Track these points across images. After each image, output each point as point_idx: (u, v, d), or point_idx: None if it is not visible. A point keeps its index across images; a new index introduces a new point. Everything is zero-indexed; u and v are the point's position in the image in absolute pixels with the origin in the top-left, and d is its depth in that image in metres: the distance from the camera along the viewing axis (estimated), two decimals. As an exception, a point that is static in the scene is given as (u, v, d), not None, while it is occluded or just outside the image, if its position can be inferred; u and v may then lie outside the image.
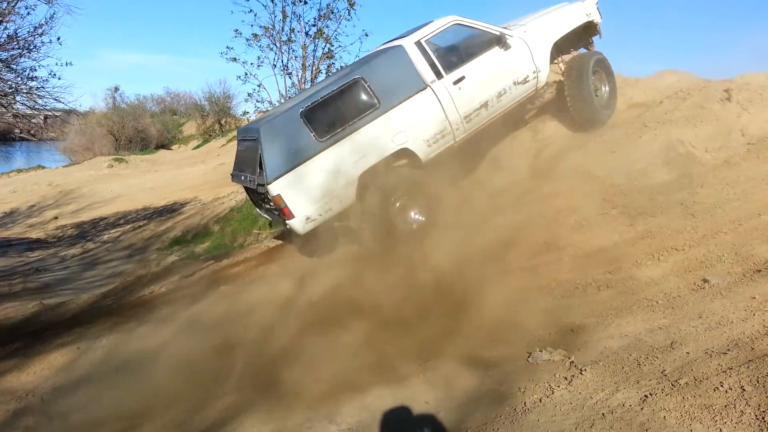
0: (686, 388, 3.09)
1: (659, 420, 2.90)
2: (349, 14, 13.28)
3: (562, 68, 7.97)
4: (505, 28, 7.45)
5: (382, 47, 7.61)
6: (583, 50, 8.60)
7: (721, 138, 6.75)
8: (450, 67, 6.96)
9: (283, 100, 13.88)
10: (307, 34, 13.44)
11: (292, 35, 13.31)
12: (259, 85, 13.76)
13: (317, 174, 6.41)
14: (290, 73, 13.79)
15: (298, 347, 4.97)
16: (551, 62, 7.78)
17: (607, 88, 8.11)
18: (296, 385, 4.40)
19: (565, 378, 3.62)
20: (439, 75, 6.87)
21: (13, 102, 11.44)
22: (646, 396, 3.13)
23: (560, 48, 7.94)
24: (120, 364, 5.47)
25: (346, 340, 4.88)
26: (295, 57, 13.66)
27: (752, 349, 3.30)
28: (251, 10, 12.97)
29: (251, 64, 13.50)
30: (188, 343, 5.49)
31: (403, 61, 6.85)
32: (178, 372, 5.00)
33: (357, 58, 13.84)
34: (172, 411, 4.45)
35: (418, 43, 6.92)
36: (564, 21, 7.81)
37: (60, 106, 11.79)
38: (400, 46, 6.96)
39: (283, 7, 13.02)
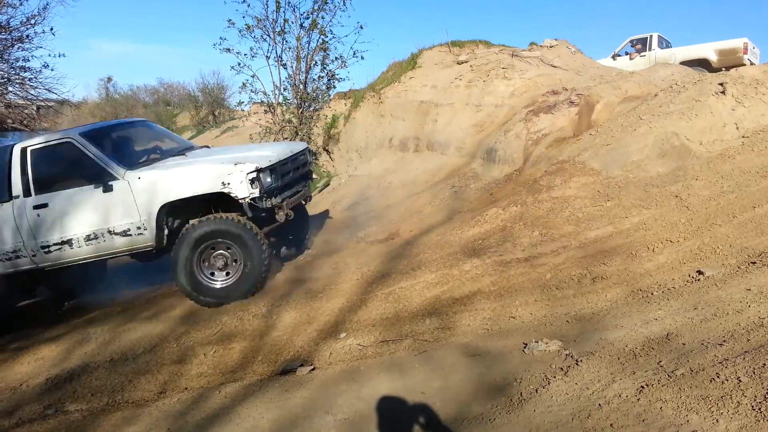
0: (683, 379, 3.10)
1: (656, 411, 2.91)
2: (344, 4, 13.22)
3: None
4: (137, 162, 6.53)
5: None
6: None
7: (715, 131, 6.77)
8: (42, 188, 6.31)
9: (277, 92, 13.82)
10: (301, 25, 13.36)
11: (286, 26, 13.24)
12: (252, 76, 13.68)
13: None
14: (285, 65, 13.72)
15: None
16: (177, 221, 6.49)
17: (239, 273, 6.22)
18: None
19: (561, 369, 3.64)
20: (27, 192, 6.31)
21: (5, 92, 11.36)
22: (642, 387, 3.14)
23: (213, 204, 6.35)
24: (115, 355, 5.46)
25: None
26: (289, 48, 13.59)
27: (748, 340, 3.31)
28: (244, 0, 12.89)
29: (245, 54, 13.41)
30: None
31: (1, 164, 6.37)
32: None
33: (351, 50, 13.87)
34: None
35: (23, 151, 6.36)
36: (186, 181, 6.14)
37: (53, 96, 11.71)
38: (10, 146, 6.45)
39: (276, -4, 12.93)
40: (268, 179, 6.18)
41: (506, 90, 10.39)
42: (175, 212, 6.35)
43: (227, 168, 6.05)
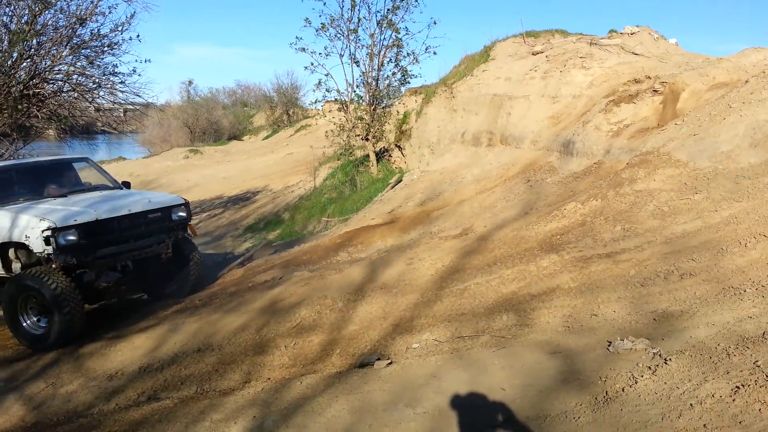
0: (783, 380, 2.93)
1: (754, 412, 2.76)
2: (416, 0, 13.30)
3: None
4: None
5: None
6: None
7: (815, 118, 6.33)
8: None
9: (350, 89, 14.05)
10: (378, 23, 13.51)
11: (360, 24, 13.44)
12: (326, 75, 13.97)
13: None
14: (357, 62, 13.92)
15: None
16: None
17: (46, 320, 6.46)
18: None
19: (649, 368, 3.51)
20: None
21: (96, 97, 12.03)
22: (737, 387, 2.99)
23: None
24: (201, 346, 5.70)
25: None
26: (363, 46, 13.78)
27: None
28: (321, -2, 13.19)
29: (319, 54, 13.71)
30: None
31: None
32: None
33: (423, 45, 13.88)
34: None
35: None
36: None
37: (139, 100, 12.30)
38: None
39: (352, -6, 13.19)
40: (71, 237, 6.35)
41: (584, 80, 10.08)
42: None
43: (32, 222, 6.37)
